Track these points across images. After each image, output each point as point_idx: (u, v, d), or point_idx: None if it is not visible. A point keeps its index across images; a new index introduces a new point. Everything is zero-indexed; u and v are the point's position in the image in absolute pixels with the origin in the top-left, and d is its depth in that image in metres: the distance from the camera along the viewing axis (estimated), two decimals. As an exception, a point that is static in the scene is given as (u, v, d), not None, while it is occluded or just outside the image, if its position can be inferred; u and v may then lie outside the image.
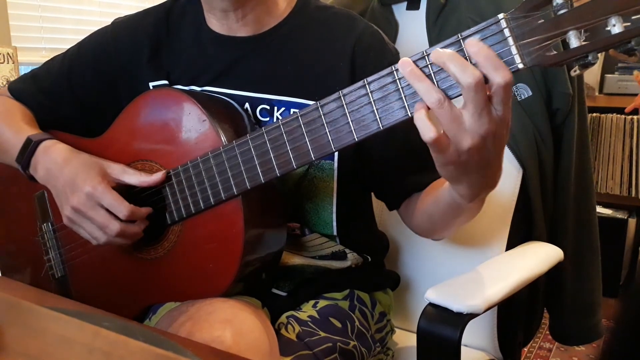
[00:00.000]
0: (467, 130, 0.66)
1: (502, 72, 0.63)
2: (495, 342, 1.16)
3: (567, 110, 1.12)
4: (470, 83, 0.63)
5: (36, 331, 0.60)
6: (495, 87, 0.63)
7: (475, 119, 0.65)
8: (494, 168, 0.74)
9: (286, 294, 0.99)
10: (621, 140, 2.38)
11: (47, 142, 0.96)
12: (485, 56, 0.63)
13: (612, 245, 2.36)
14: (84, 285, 1.02)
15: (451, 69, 0.64)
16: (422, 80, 0.66)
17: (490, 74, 0.63)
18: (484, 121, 0.65)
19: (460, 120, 0.65)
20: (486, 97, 0.64)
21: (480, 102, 0.64)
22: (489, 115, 0.65)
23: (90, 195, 0.88)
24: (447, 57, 0.64)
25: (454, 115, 0.65)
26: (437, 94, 0.65)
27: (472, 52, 0.64)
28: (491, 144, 0.67)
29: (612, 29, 0.59)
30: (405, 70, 0.67)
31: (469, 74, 0.63)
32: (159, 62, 1.00)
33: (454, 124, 0.66)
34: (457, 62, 0.64)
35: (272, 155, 0.79)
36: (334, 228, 0.97)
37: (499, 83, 0.63)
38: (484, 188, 0.78)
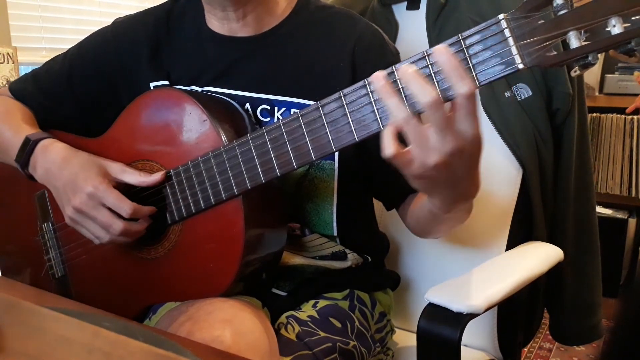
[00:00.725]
0: (432, 148, 0.66)
1: (466, 82, 0.63)
2: (495, 342, 1.16)
3: (567, 110, 1.12)
4: (427, 102, 0.64)
5: (36, 331, 0.60)
6: (459, 99, 0.64)
7: (440, 137, 0.65)
8: (466, 183, 0.74)
9: (286, 294, 0.99)
10: (621, 140, 2.38)
11: (45, 141, 0.96)
12: (452, 66, 0.63)
13: (612, 246, 2.36)
14: (84, 285, 1.02)
15: (411, 88, 0.65)
16: (392, 97, 0.66)
17: (455, 85, 0.64)
18: (449, 139, 0.65)
19: (426, 137, 0.66)
20: (446, 115, 0.64)
21: (440, 121, 0.64)
22: (453, 134, 0.65)
23: (92, 195, 0.88)
24: (409, 76, 0.65)
25: (420, 132, 0.66)
26: (404, 112, 0.66)
27: (440, 61, 0.64)
28: (459, 161, 0.67)
29: (612, 29, 0.59)
30: (377, 85, 0.67)
31: (426, 93, 0.64)
32: (160, 62, 1.00)
33: (420, 141, 0.66)
34: (416, 82, 0.64)
35: (273, 155, 0.79)
36: (334, 228, 0.97)
37: (462, 94, 0.63)
38: (457, 201, 0.78)
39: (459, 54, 0.66)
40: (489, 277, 0.98)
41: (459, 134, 0.65)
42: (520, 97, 1.12)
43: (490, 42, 0.64)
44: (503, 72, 0.65)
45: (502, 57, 0.64)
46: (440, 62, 0.64)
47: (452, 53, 0.64)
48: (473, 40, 0.65)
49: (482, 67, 0.65)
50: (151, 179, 0.89)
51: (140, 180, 0.89)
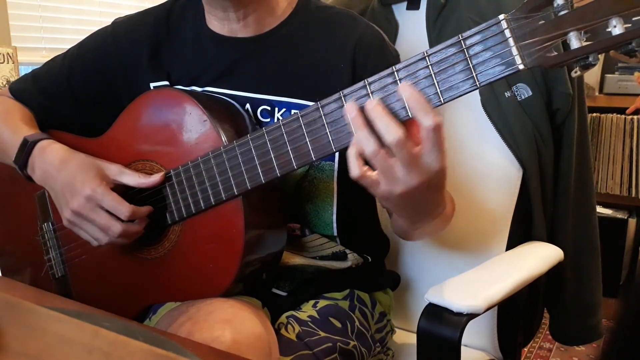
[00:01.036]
0: (397, 180, 0.68)
1: (431, 115, 0.65)
2: (495, 342, 1.16)
3: (567, 110, 1.12)
4: (392, 140, 0.66)
5: (36, 331, 0.60)
6: (425, 132, 0.65)
7: (406, 172, 0.67)
8: (430, 207, 0.77)
9: (286, 294, 0.99)
10: (621, 140, 2.38)
11: (43, 143, 0.96)
12: (416, 100, 0.66)
13: (612, 246, 2.36)
14: (84, 285, 1.02)
15: (377, 125, 0.67)
16: (362, 128, 0.68)
17: (420, 118, 0.65)
18: (414, 174, 0.67)
19: (392, 170, 0.68)
20: (412, 152, 0.66)
21: (406, 157, 0.66)
22: (419, 169, 0.67)
23: (90, 198, 0.88)
24: (376, 113, 0.67)
25: (387, 165, 0.68)
26: (373, 145, 0.67)
27: (405, 96, 0.66)
28: (424, 192, 0.70)
29: (612, 30, 0.59)
30: (350, 116, 0.69)
31: (391, 132, 0.66)
32: (160, 63, 1.00)
33: (386, 172, 0.69)
34: (382, 119, 0.67)
35: (273, 156, 0.79)
36: (334, 229, 0.97)
37: (428, 126, 0.65)
38: (420, 221, 0.81)
39: (459, 54, 0.66)
40: (489, 277, 0.98)
41: (425, 168, 0.68)
42: (520, 97, 1.12)
43: (491, 42, 0.65)
44: (503, 72, 0.65)
45: (502, 57, 0.64)
46: (405, 98, 0.67)
47: (413, 88, 0.66)
48: (473, 40, 0.65)
49: (483, 67, 0.65)
50: (150, 181, 0.89)
51: (139, 181, 0.89)
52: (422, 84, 0.68)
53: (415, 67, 0.68)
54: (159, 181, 0.89)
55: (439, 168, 0.68)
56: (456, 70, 0.66)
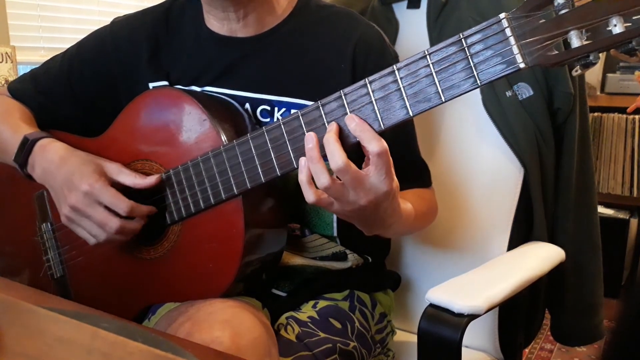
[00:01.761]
0: (348, 202, 0.74)
1: (375, 142, 0.70)
2: (496, 343, 1.16)
3: (568, 109, 1.12)
4: (335, 167, 0.71)
5: (35, 332, 0.60)
6: (372, 156, 0.71)
7: (354, 194, 0.73)
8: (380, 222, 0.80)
9: (286, 295, 0.99)
10: (623, 140, 2.38)
11: (43, 141, 0.96)
12: (361, 130, 0.71)
13: (614, 246, 2.36)
14: (83, 286, 1.02)
15: (327, 149, 0.72)
16: (317, 163, 0.72)
17: (366, 145, 0.71)
18: (361, 195, 0.73)
19: (343, 194, 0.73)
20: (354, 176, 0.71)
21: (350, 181, 0.72)
22: (365, 191, 0.72)
23: (88, 193, 0.87)
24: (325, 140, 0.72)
25: (339, 191, 0.73)
26: (326, 180, 0.72)
27: (351, 128, 0.72)
28: (373, 210, 0.75)
29: (613, 29, 0.58)
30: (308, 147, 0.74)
31: (335, 159, 0.71)
32: (159, 62, 1.00)
33: (338, 197, 0.74)
34: (329, 146, 0.72)
35: (273, 155, 0.79)
36: (334, 229, 0.96)
37: (372, 151, 0.70)
38: (376, 232, 0.84)
39: (460, 53, 0.65)
40: (490, 278, 0.98)
41: (371, 190, 0.73)
42: (521, 97, 1.11)
43: (492, 41, 0.64)
44: (504, 71, 0.64)
45: (503, 56, 0.64)
46: (352, 128, 0.72)
47: (358, 118, 0.72)
48: (474, 39, 0.65)
49: (483, 66, 0.65)
50: (146, 182, 0.88)
51: (136, 182, 0.89)
52: (423, 82, 0.68)
53: (415, 66, 0.68)
54: (155, 183, 0.89)
55: (387, 190, 0.73)
56: (457, 69, 0.66)
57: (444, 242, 1.18)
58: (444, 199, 1.10)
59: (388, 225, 0.82)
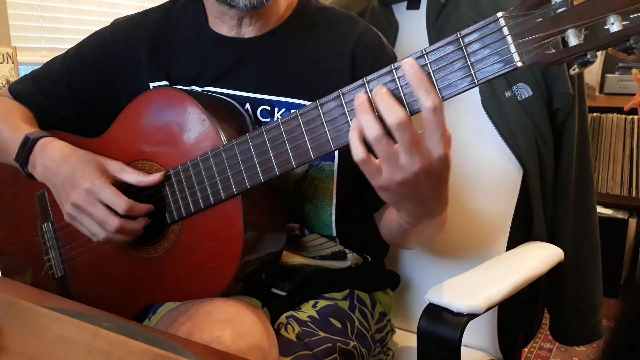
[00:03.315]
0: (399, 166, 0.68)
1: (432, 95, 0.65)
2: (495, 342, 1.16)
3: (567, 110, 1.12)
4: (394, 122, 0.66)
5: (35, 331, 0.60)
6: (425, 112, 0.65)
7: (408, 157, 0.67)
8: (432, 201, 0.75)
9: (286, 294, 0.99)
10: (622, 140, 2.38)
11: (44, 140, 0.96)
12: (419, 79, 0.66)
13: (613, 246, 2.36)
14: (84, 285, 1.02)
15: (380, 108, 0.67)
16: (367, 113, 0.68)
17: (421, 99, 0.65)
18: (416, 159, 0.67)
19: (395, 156, 0.68)
20: (414, 136, 0.66)
21: (408, 141, 0.66)
22: (420, 153, 0.67)
23: (90, 191, 0.88)
24: (379, 96, 0.67)
25: (390, 151, 0.68)
26: (377, 130, 0.67)
27: (408, 75, 0.66)
28: (424, 180, 0.69)
29: (610, 27, 0.59)
30: (357, 102, 0.69)
31: (393, 114, 0.66)
32: (159, 63, 1.00)
33: (388, 158, 0.68)
34: (385, 102, 0.67)
35: (272, 155, 0.79)
36: (333, 229, 0.97)
37: (428, 107, 0.65)
38: (423, 217, 0.79)
39: (457, 52, 0.66)
40: (490, 277, 0.98)
41: (426, 154, 0.67)
42: (520, 97, 1.12)
43: (489, 40, 0.64)
44: (502, 70, 0.65)
45: (500, 55, 0.64)
46: (407, 76, 0.66)
47: (418, 67, 0.66)
48: (471, 38, 0.65)
49: (481, 65, 0.65)
50: (150, 179, 0.89)
51: (139, 179, 0.89)
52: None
53: None
54: (159, 180, 0.89)
55: (441, 154, 0.67)
56: (454, 68, 0.66)
57: (443, 242, 1.18)
58: (443, 199, 1.10)
59: (433, 210, 0.78)
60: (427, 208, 0.77)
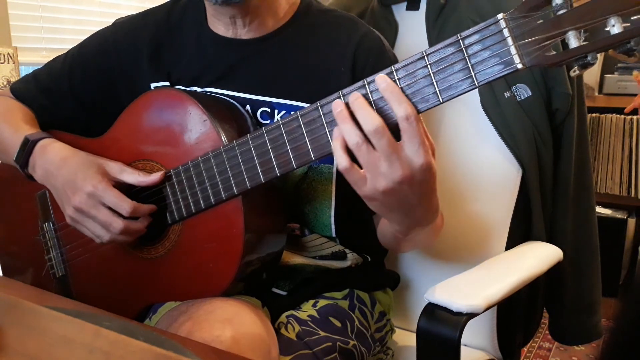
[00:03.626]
0: (381, 174, 0.68)
1: (404, 105, 0.66)
2: (494, 341, 1.16)
3: (566, 110, 1.12)
4: (369, 130, 0.67)
5: (36, 331, 0.60)
6: (400, 122, 0.67)
7: (388, 165, 0.67)
8: (419, 210, 0.75)
9: (286, 294, 0.99)
10: (620, 140, 2.38)
11: (44, 141, 0.96)
12: (391, 91, 0.67)
13: (612, 245, 2.36)
14: (85, 285, 1.03)
15: (357, 115, 0.68)
16: (346, 122, 0.69)
17: (394, 108, 0.67)
18: (396, 167, 0.67)
19: (376, 163, 0.68)
20: (391, 143, 0.67)
21: (384, 148, 0.67)
22: (401, 162, 0.67)
23: (92, 195, 0.88)
24: (357, 106, 0.68)
25: (371, 158, 0.68)
26: (357, 137, 0.68)
27: (381, 88, 0.68)
28: (408, 189, 0.69)
29: (611, 29, 0.59)
30: (336, 111, 0.70)
31: (369, 121, 0.67)
32: (160, 63, 1.00)
33: (370, 166, 0.69)
34: (361, 110, 0.68)
35: (272, 155, 0.79)
36: (333, 230, 0.97)
37: (401, 116, 0.66)
38: (412, 226, 0.79)
39: (458, 54, 0.66)
40: (489, 277, 0.98)
41: (407, 163, 0.68)
42: (519, 98, 1.12)
43: (489, 42, 0.65)
44: (502, 72, 0.65)
45: (501, 57, 0.64)
46: (381, 89, 0.68)
47: (389, 79, 0.68)
48: (472, 40, 0.65)
49: (481, 67, 0.65)
50: (150, 179, 0.89)
51: (139, 180, 0.89)
52: (421, 83, 0.68)
53: (414, 66, 0.68)
54: (159, 180, 0.89)
55: (422, 162, 0.68)
56: (455, 70, 0.67)
57: (443, 242, 1.18)
58: (443, 199, 1.09)
59: (423, 219, 0.78)
60: (415, 218, 0.77)
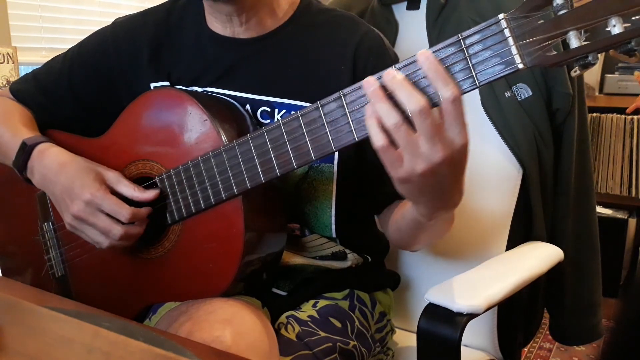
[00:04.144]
0: (420, 156, 0.66)
1: (450, 86, 0.64)
2: (495, 342, 1.16)
3: (567, 110, 1.12)
4: (414, 110, 0.64)
5: (36, 331, 0.60)
6: (444, 104, 0.64)
7: (429, 146, 0.65)
8: (451, 192, 0.74)
9: (286, 294, 0.99)
10: (621, 140, 2.38)
11: (41, 146, 0.96)
12: (435, 71, 0.64)
13: (612, 245, 2.36)
14: (84, 285, 1.02)
15: (399, 95, 0.65)
16: (384, 101, 0.66)
17: (439, 90, 0.64)
18: (438, 148, 0.65)
19: (415, 145, 0.66)
20: (435, 123, 0.65)
21: (429, 129, 0.65)
22: (443, 142, 0.65)
23: (90, 202, 0.88)
24: (397, 83, 0.65)
25: (410, 139, 0.66)
26: (394, 118, 0.66)
27: (424, 67, 0.65)
28: (446, 170, 0.68)
29: (612, 29, 0.59)
30: (368, 90, 0.68)
31: (414, 101, 0.64)
32: (160, 63, 1.00)
33: (409, 147, 0.66)
34: (404, 90, 0.65)
35: (273, 155, 0.79)
36: (333, 231, 0.97)
37: (447, 98, 0.64)
38: (440, 209, 0.78)
39: (459, 53, 0.66)
40: (489, 277, 0.98)
41: (448, 143, 0.66)
42: (520, 97, 1.12)
43: (490, 42, 0.64)
44: (503, 72, 0.65)
45: (501, 57, 0.64)
46: (424, 68, 0.65)
47: (435, 58, 0.64)
48: (473, 40, 0.65)
49: (482, 67, 0.65)
50: (145, 196, 0.89)
51: (134, 194, 0.90)
52: (422, 83, 0.68)
53: (415, 66, 0.68)
54: (153, 198, 0.89)
55: (464, 143, 0.66)
56: (455, 70, 0.66)
57: (443, 242, 1.18)
58: (443, 199, 1.10)
59: (451, 201, 0.76)
60: (446, 199, 0.76)
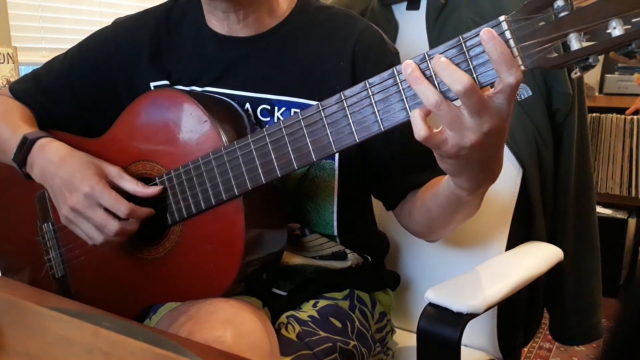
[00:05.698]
0: (468, 128, 0.66)
1: (515, 72, 0.63)
2: (495, 342, 1.16)
3: (567, 110, 1.13)
4: (460, 90, 0.64)
5: (36, 331, 0.60)
6: (504, 86, 0.64)
7: (475, 119, 0.65)
8: (494, 162, 0.75)
9: (286, 294, 0.99)
10: (621, 140, 2.38)
11: (42, 140, 0.96)
12: (501, 53, 0.62)
13: (612, 245, 2.36)
14: (84, 285, 1.02)
15: (443, 77, 0.65)
16: (421, 83, 0.67)
17: (502, 73, 0.63)
18: (485, 119, 0.65)
19: (460, 119, 0.66)
20: (480, 99, 0.64)
21: (474, 106, 0.64)
22: (489, 113, 0.65)
23: (89, 195, 0.88)
24: (441, 65, 0.65)
25: (454, 115, 0.66)
26: (435, 96, 0.66)
27: (488, 47, 0.63)
28: (493, 139, 0.68)
29: (612, 31, 0.59)
30: (407, 72, 0.68)
31: (459, 81, 0.64)
32: (160, 63, 1.00)
33: (454, 123, 0.67)
34: (447, 69, 0.65)
35: (274, 156, 0.79)
36: (335, 228, 0.97)
37: (509, 83, 0.63)
38: (484, 181, 0.79)
39: (460, 55, 0.66)
40: (489, 277, 0.99)
41: (496, 114, 0.65)
42: (520, 98, 1.11)
43: (491, 42, 0.64)
44: (504, 73, 0.65)
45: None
46: (488, 49, 0.63)
47: (498, 37, 0.62)
48: (474, 42, 0.65)
49: (483, 68, 0.65)
50: (147, 191, 0.89)
51: (137, 189, 0.89)
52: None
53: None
54: (156, 193, 0.89)
55: (508, 113, 0.66)
56: (457, 71, 0.66)
57: (443, 242, 1.18)
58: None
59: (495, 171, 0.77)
60: (490, 170, 0.76)
